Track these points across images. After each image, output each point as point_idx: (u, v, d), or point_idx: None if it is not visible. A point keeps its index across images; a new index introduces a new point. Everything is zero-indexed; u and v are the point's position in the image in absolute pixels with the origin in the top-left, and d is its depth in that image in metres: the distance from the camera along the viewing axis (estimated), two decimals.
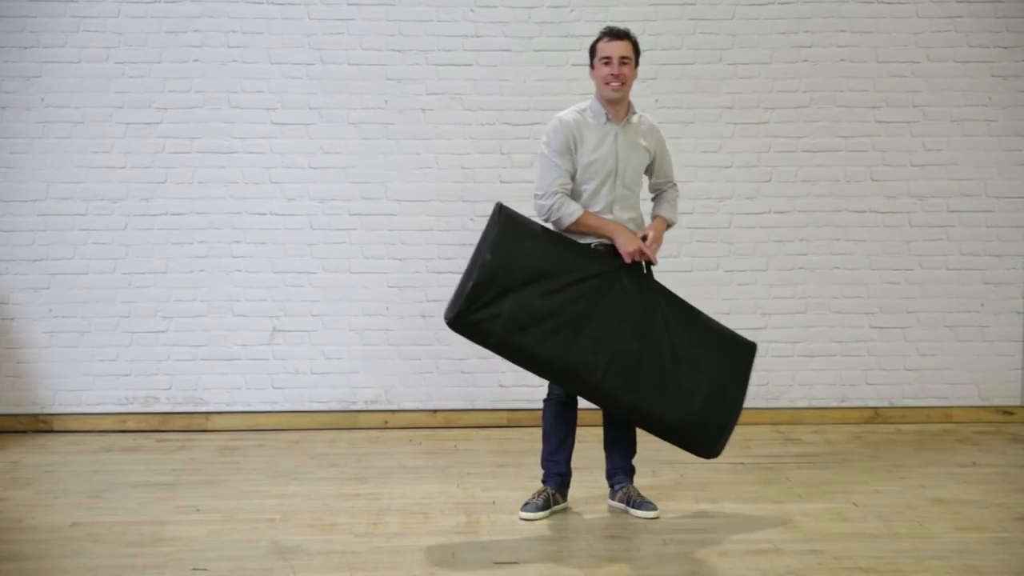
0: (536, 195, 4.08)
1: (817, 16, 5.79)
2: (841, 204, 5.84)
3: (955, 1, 5.79)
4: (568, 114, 4.14)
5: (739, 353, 4.13)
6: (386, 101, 5.75)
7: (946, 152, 5.84)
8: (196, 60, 5.69)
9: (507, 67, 5.76)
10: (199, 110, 5.70)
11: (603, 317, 3.92)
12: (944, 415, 5.88)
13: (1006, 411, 5.89)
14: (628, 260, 4.03)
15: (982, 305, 5.88)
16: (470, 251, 5.69)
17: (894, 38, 5.81)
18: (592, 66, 4.19)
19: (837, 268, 5.85)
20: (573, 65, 5.76)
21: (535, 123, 5.75)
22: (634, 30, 5.74)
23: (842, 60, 5.81)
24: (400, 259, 5.78)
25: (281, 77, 5.72)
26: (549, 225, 4.12)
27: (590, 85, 5.66)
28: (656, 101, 5.63)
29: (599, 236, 4.08)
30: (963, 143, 5.84)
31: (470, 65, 5.75)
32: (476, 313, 3.87)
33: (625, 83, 4.12)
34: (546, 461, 4.30)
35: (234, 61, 5.70)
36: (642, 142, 4.19)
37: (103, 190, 5.69)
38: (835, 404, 5.89)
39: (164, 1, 5.67)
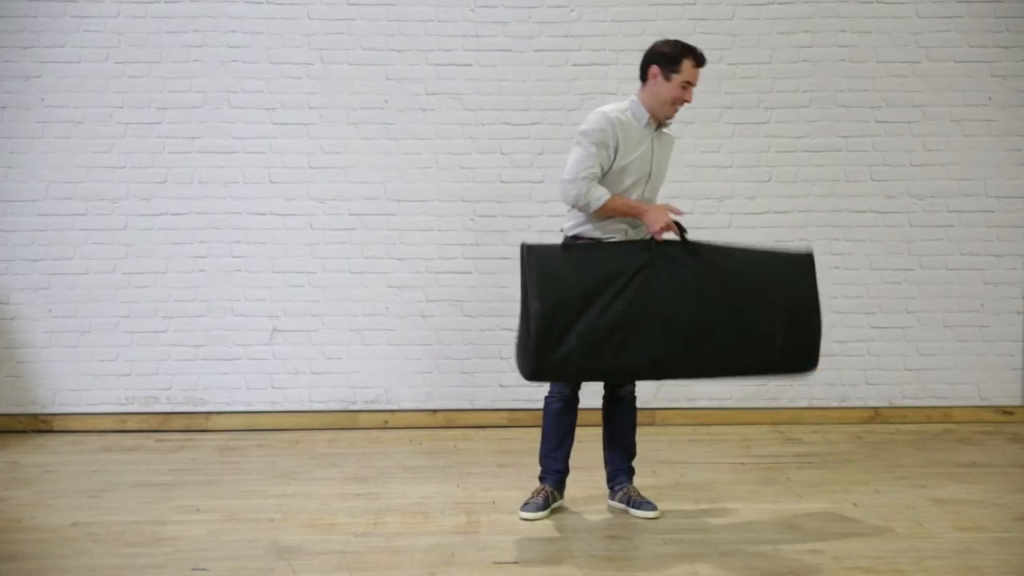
0: (564, 179, 4.02)
1: (817, 16, 5.79)
2: (841, 204, 5.84)
3: (955, 1, 5.79)
4: (612, 111, 4.06)
5: (798, 268, 4.06)
6: (386, 101, 5.75)
7: (946, 152, 5.84)
8: (196, 60, 5.69)
9: (507, 67, 5.76)
10: (199, 110, 5.70)
11: (662, 304, 3.89)
12: (944, 415, 5.88)
13: (1006, 411, 5.89)
14: (659, 239, 3.96)
15: (982, 305, 5.88)
16: (470, 251, 5.77)
17: (894, 38, 5.81)
18: (666, 77, 4.04)
19: (837, 268, 5.85)
20: (573, 65, 5.76)
21: (535, 123, 5.76)
22: (634, 30, 5.80)
23: (842, 60, 5.81)
24: (400, 259, 5.78)
25: (281, 77, 5.72)
26: (574, 216, 4.10)
27: (590, 85, 5.74)
28: None
29: (626, 217, 4.03)
30: (963, 143, 5.84)
31: (470, 65, 5.75)
32: (549, 358, 3.85)
33: None
34: (545, 458, 4.31)
35: (234, 61, 5.70)
36: (668, 152, 4.22)
37: (103, 190, 5.69)
38: (835, 404, 5.89)
39: (164, 1, 5.67)
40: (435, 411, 5.82)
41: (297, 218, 5.75)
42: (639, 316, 3.87)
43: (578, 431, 4.33)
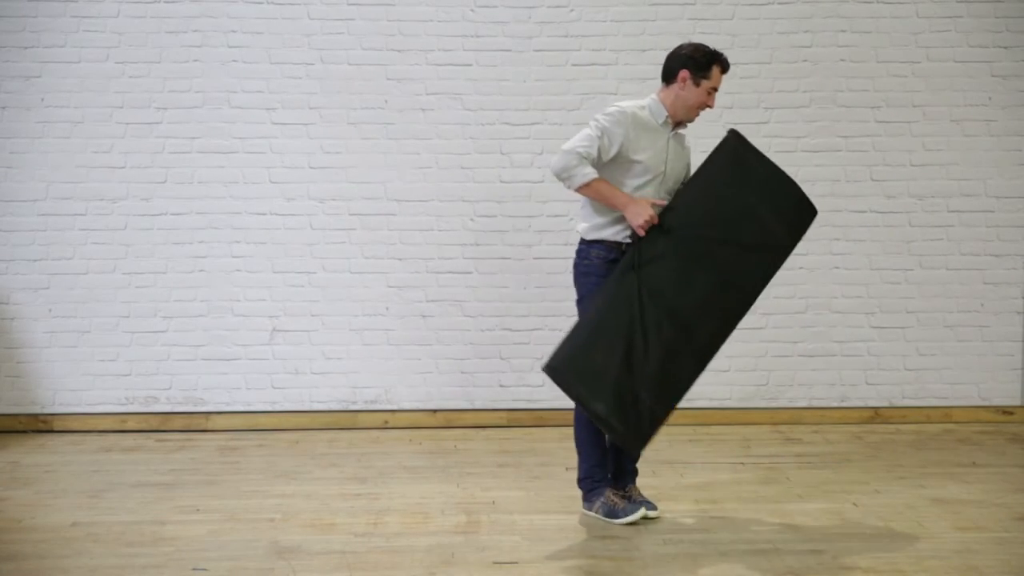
0: (561, 148, 3.98)
1: (817, 16, 5.79)
2: (841, 204, 5.84)
3: (955, 1, 5.79)
4: (631, 106, 4.05)
5: (736, 152, 4.03)
6: (386, 101, 5.75)
7: (946, 152, 5.84)
8: (196, 60, 5.69)
9: (507, 67, 5.76)
10: (199, 110, 5.70)
11: (683, 300, 3.88)
12: (944, 415, 5.88)
13: (1006, 411, 5.89)
14: (641, 233, 3.93)
15: (982, 305, 5.88)
16: (470, 251, 5.78)
17: (894, 38, 5.81)
18: (695, 82, 4.04)
19: (837, 268, 5.85)
20: (573, 65, 5.76)
21: (535, 123, 5.76)
22: (634, 30, 5.80)
23: (842, 60, 5.81)
24: (400, 259, 5.78)
25: (281, 77, 5.72)
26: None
27: (590, 85, 5.74)
28: None
29: (608, 205, 4.00)
30: (963, 143, 5.84)
31: (470, 65, 5.75)
32: (642, 427, 3.90)
33: None
34: (595, 468, 4.22)
35: (234, 61, 5.70)
36: (685, 156, 4.21)
37: (103, 190, 5.69)
38: (835, 404, 5.89)
39: (164, 1, 5.67)
40: (435, 411, 5.82)
41: (297, 218, 5.75)
42: (676, 329, 3.88)
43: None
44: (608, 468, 4.26)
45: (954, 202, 5.86)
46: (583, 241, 4.13)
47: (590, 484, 4.23)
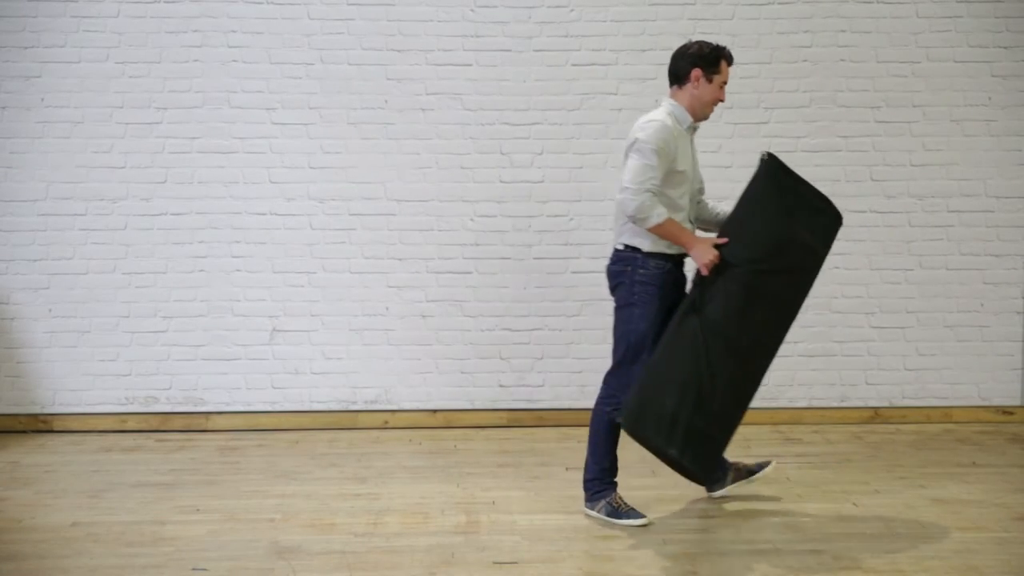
0: (625, 187, 3.96)
1: (817, 16, 5.79)
2: (841, 204, 5.75)
3: (955, 1, 5.79)
4: (669, 120, 4.06)
5: (770, 174, 4.11)
6: (386, 101, 5.75)
7: (946, 152, 5.84)
8: (196, 60, 5.69)
9: (507, 67, 5.76)
10: (199, 110, 5.70)
11: (746, 330, 3.95)
12: (944, 415, 5.88)
13: (1006, 411, 5.89)
14: (705, 272, 3.96)
15: (982, 305, 5.88)
16: (470, 251, 5.78)
17: (894, 38, 5.81)
18: (708, 79, 4.08)
19: (837, 268, 5.85)
20: (573, 65, 5.76)
21: (535, 123, 5.76)
22: (634, 30, 5.80)
23: (842, 60, 5.81)
24: (400, 259, 5.78)
25: (281, 77, 5.72)
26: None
27: (590, 85, 5.74)
28: (656, 101, 5.60)
29: (673, 242, 4.01)
30: (963, 143, 5.84)
31: (470, 65, 5.75)
32: (710, 460, 4.03)
33: None
34: (605, 471, 4.23)
35: (234, 61, 5.70)
36: (697, 154, 4.24)
37: (103, 190, 5.69)
38: (835, 404, 5.89)
39: (164, 1, 5.67)
40: (435, 411, 5.82)
41: (297, 218, 5.75)
42: (738, 362, 3.95)
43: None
44: (616, 472, 4.27)
45: (954, 202, 5.86)
46: (638, 251, 4.07)
47: (598, 486, 4.23)
